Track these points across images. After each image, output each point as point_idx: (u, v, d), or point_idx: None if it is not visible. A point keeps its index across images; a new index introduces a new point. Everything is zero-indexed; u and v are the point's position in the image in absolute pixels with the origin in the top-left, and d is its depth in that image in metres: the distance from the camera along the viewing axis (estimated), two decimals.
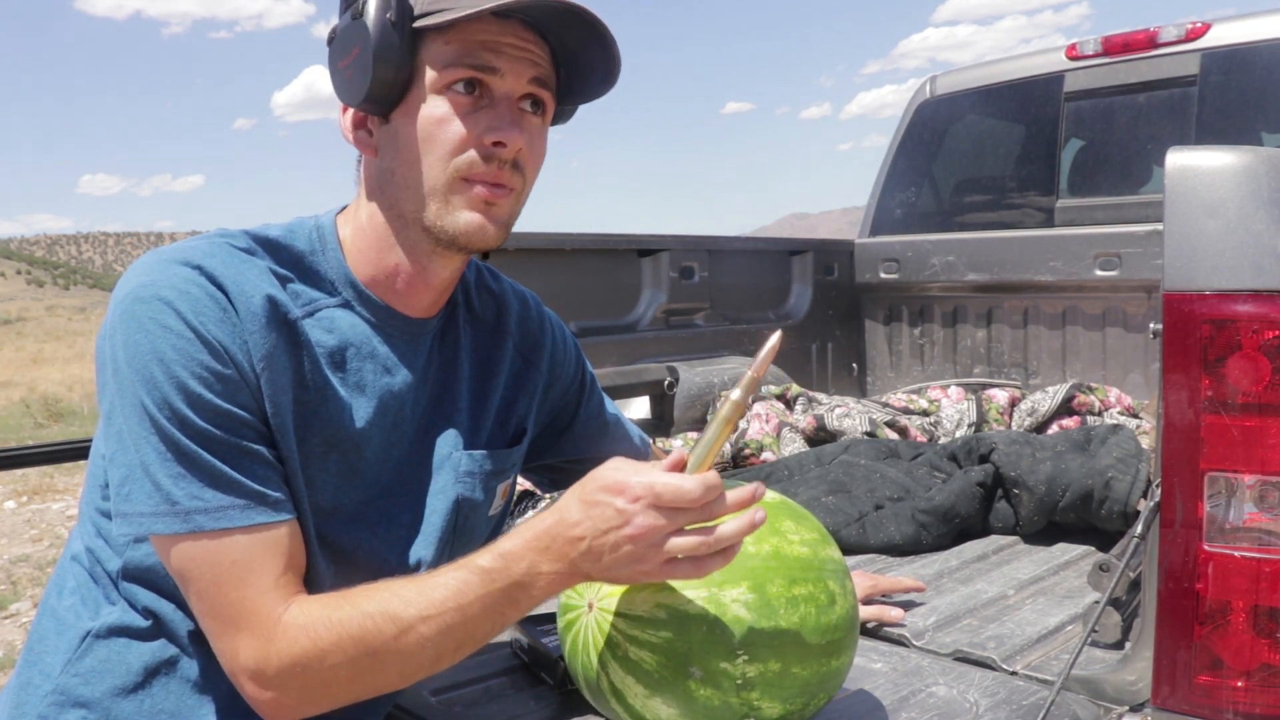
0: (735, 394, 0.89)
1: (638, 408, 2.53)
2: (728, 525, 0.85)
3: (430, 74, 0.93)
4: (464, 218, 0.94)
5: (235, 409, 0.87)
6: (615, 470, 0.87)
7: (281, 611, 0.86)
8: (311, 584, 0.92)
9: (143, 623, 0.94)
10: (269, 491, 0.88)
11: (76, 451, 1.88)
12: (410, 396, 1.02)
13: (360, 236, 0.99)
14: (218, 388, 0.86)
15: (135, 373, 0.85)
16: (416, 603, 0.86)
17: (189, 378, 0.85)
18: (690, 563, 0.86)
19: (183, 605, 0.93)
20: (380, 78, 0.91)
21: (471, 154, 0.92)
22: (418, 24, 0.92)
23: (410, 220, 0.96)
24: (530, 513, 1.91)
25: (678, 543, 0.84)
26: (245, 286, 0.90)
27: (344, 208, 1.04)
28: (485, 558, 0.88)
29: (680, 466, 0.87)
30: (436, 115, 0.93)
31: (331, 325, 0.97)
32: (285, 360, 0.91)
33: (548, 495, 1.87)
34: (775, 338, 0.90)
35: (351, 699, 0.90)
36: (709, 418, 0.90)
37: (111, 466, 0.87)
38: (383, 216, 0.98)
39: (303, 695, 0.87)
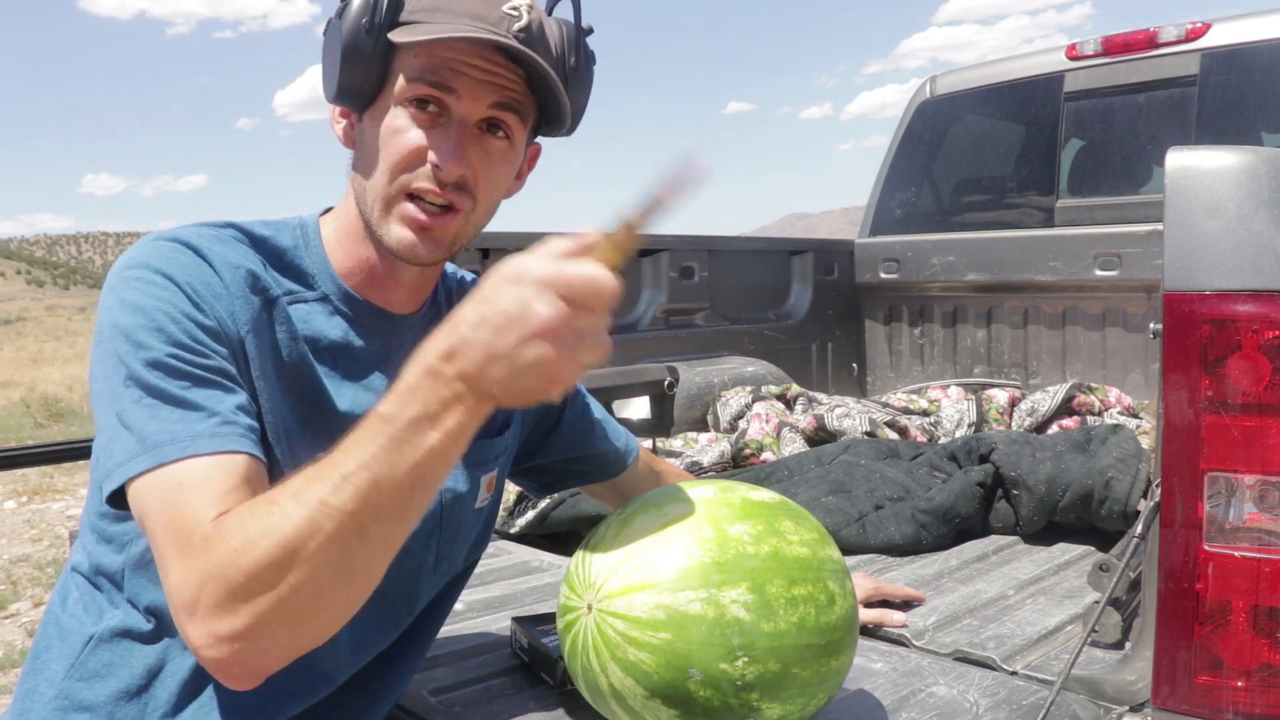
0: (629, 210, 0.77)
1: (638, 408, 2.53)
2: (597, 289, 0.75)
3: (398, 83, 0.94)
4: (396, 232, 0.95)
5: (215, 355, 0.86)
6: (516, 257, 0.76)
7: (210, 523, 0.77)
8: None
9: (145, 625, 0.94)
10: (240, 423, 0.84)
11: (76, 451, 1.88)
12: (387, 389, 1.03)
13: (340, 230, 1.02)
14: (198, 334, 0.86)
15: (115, 327, 0.85)
16: (325, 476, 0.76)
17: (168, 321, 0.85)
18: (599, 351, 0.77)
19: None
20: (347, 79, 0.94)
21: (417, 170, 0.94)
22: (390, 35, 0.93)
23: (365, 220, 0.98)
24: (531, 513, 1.91)
25: (588, 321, 0.74)
26: (230, 258, 0.92)
27: (328, 210, 1.05)
28: (384, 403, 0.77)
29: (582, 253, 0.76)
30: (394, 126, 0.94)
31: (308, 317, 0.98)
32: (267, 331, 0.93)
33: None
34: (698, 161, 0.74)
35: (292, 624, 0.77)
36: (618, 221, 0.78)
37: (97, 436, 0.86)
38: (356, 209, 1.00)
39: (235, 621, 0.75)
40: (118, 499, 0.84)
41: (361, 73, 0.94)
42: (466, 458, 1.07)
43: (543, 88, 0.97)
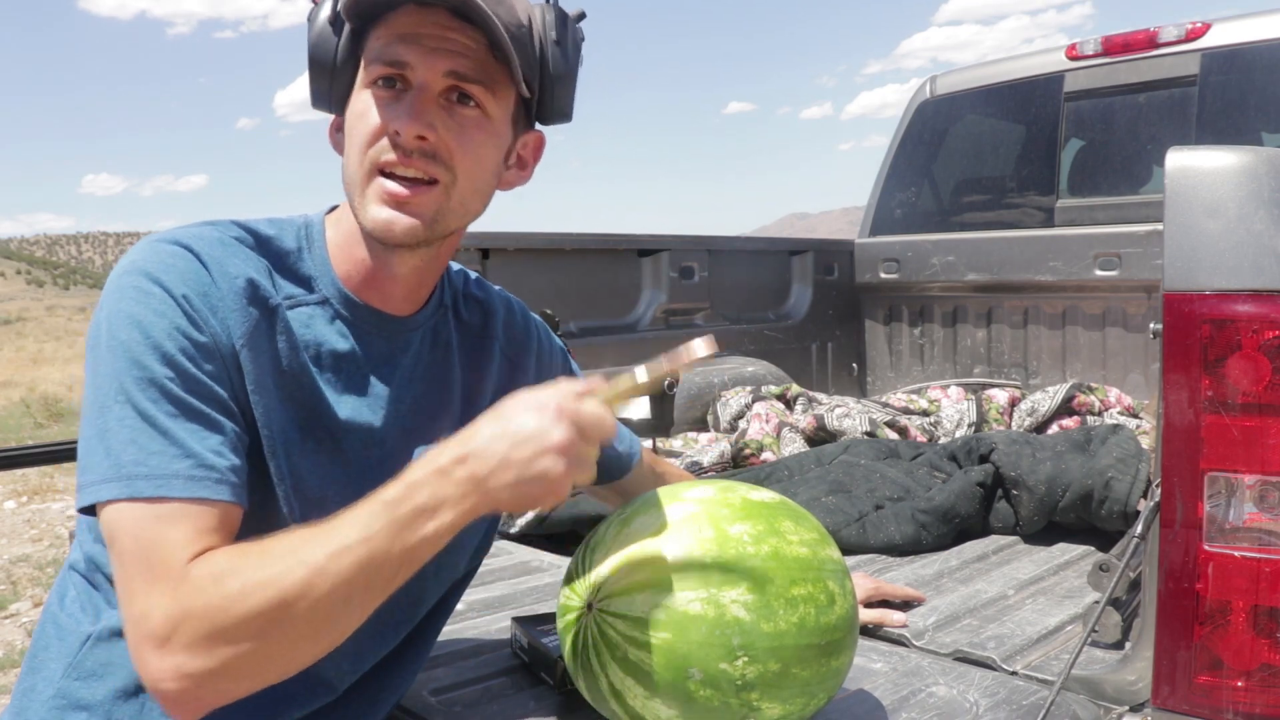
0: (641, 372, 0.91)
1: (638, 408, 2.53)
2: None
3: (361, 70, 0.95)
4: (372, 212, 0.94)
5: (206, 378, 0.87)
6: (536, 390, 0.87)
7: (191, 563, 0.80)
8: None
9: None
10: (218, 467, 0.85)
11: (76, 452, 1.88)
12: (390, 394, 1.02)
13: (340, 233, 1.02)
14: (192, 352, 0.86)
15: (112, 339, 0.85)
16: (323, 542, 0.81)
17: (164, 338, 0.85)
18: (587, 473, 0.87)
19: None
20: (317, 78, 0.95)
21: (379, 144, 0.93)
22: (348, 23, 0.94)
23: (353, 210, 0.98)
24: (530, 513, 1.91)
25: (584, 469, 0.85)
26: (229, 267, 0.92)
27: (335, 207, 1.05)
28: (390, 489, 0.84)
29: (590, 394, 0.89)
30: (358, 109, 0.94)
31: (309, 322, 0.98)
32: (265, 342, 0.92)
33: None
34: (703, 342, 0.91)
35: (260, 671, 0.82)
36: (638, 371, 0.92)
37: (80, 442, 0.86)
38: (350, 212, 1.00)
39: (208, 661, 0.78)
40: (89, 506, 0.85)
41: (329, 72, 0.95)
42: None
43: (504, 53, 0.94)
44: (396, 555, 0.82)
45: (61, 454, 1.89)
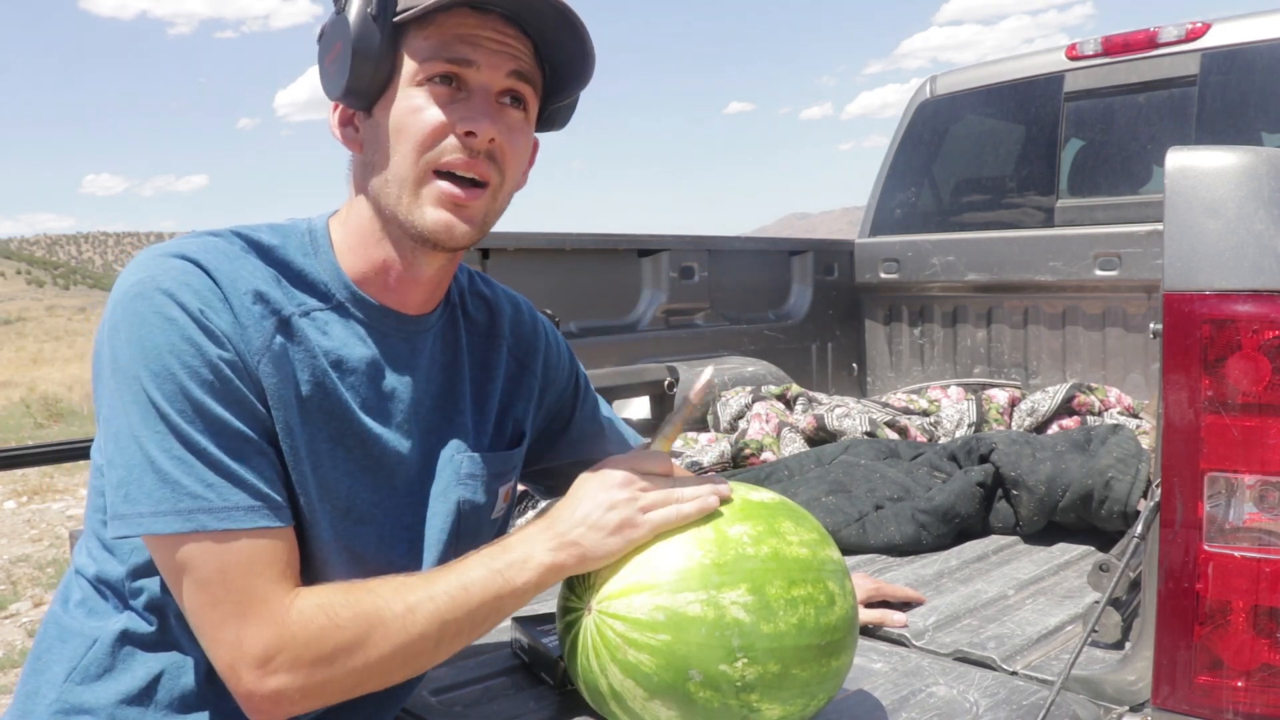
0: (675, 416, 1.05)
1: (638, 408, 2.53)
2: (689, 487, 0.99)
3: (409, 67, 0.94)
4: (431, 215, 0.94)
5: (246, 399, 0.87)
6: (599, 465, 1.02)
7: (293, 596, 0.87)
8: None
9: (147, 629, 0.94)
10: (273, 494, 0.88)
11: (76, 451, 1.88)
12: (411, 396, 1.02)
13: (350, 235, 1.00)
14: (225, 372, 0.86)
15: (143, 368, 0.84)
16: (421, 586, 0.91)
17: (201, 365, 0.85)
18: (666, 511, 0.96)
19: None
20: (358, 71, 0.93)
21: (443, 144, 0.93)
22: (397, 18, 0.93)
23: (388, 215, 0.97)
24: (531, 512, 1.91)
25: (654, 494, 0.97)
26: (238, 282, 0.90)
27: (338, 210, 1.04)
28: (486, 548, 0.96)
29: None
30: (411, 106, 0.94)
31: (325, 329, 0.96)
32: (282, 355, 0.91)
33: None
34: (708, 373, 1.04)
35: (353, 690, 0.89)
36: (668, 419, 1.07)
37: (110, 468, 0.86)
38: (369, 212, 0.98)
39: (309, 681, 0.86)
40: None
41: (372, 65, 0.93)
42: (488, 470, 1.07)
43: (555, 52, 0.99)
44: (489, 602, 0.92)
45: (61, 454, 1.88)
